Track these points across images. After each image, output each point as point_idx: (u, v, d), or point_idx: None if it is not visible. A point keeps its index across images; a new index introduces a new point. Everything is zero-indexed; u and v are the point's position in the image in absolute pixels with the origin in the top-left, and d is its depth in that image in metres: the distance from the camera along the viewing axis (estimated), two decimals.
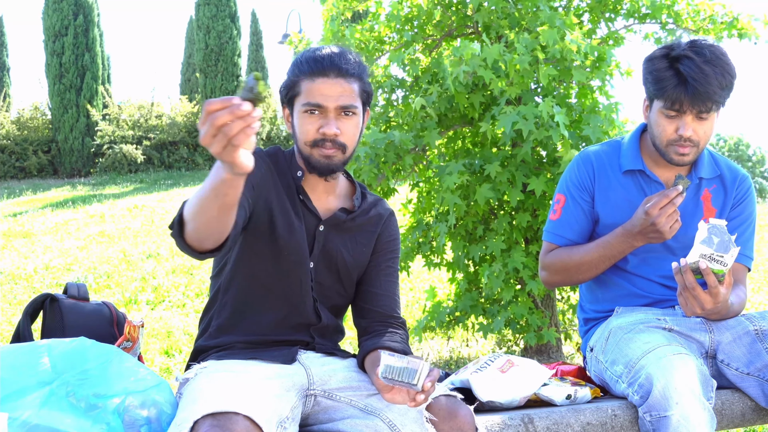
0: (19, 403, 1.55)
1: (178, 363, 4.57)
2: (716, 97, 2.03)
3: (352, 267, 1.93)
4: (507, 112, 3.88)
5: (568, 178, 2.28)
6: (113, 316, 2.05)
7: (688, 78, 2.01)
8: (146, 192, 14.14)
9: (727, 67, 2.04)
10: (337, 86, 1.78)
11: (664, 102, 2.07)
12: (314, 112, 1.79)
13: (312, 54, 1.82)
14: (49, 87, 17.86)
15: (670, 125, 2.10)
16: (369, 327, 1.91)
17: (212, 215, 1.49)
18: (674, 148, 2.11)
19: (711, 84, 2.01)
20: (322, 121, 1.79)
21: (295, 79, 1.82)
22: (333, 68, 1.79)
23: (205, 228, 1.53)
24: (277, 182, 1.87)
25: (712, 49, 2.05)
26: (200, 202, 1.47)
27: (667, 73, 2.05)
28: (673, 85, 2.04)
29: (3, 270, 7.30)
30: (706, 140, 2.13)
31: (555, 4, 4.53)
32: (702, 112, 2.05)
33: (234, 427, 1.48)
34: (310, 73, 1.79)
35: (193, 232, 1.55)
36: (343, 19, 4.69)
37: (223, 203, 1.46)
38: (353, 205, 1.94)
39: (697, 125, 2.08)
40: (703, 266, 1.89)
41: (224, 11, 18.54)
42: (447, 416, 1.66)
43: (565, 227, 2.25)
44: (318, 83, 1.78)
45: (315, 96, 1.78)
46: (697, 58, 2.02)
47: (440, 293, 5.37)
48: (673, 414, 1.83)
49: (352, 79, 1.81)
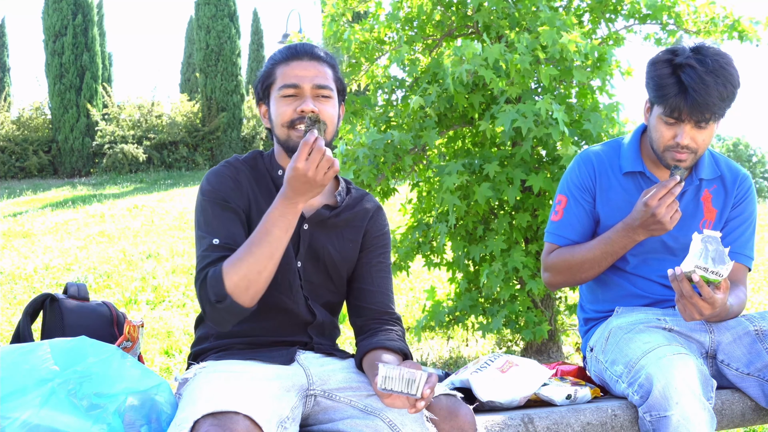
0: (20, 403, 1.55)
1: (178, 363, 4.57)
2: (715, 108, 2.01)
3: (339, 263, 1.92)
4: (506, 110, 3.89)
5: (569, 179, 2.28)
6: (113, 316, 2.05)
7: (689, 88, 1.99)
8: (146, 192, 14.14)
9: (729, 77, 2.01)
10: (312, 68, 1.84)
11: (663, 109, 2.06)
12: (291, 94, 1.82)
13: (287, 46, 1.88)
14: (49, 87, 17.86)
15: (668, 131, 2.09)
16: (365, 326, 1.91)
17: (278, 258, 1.70)
18: (671, 153, 2.10)
19: (711, 95, 1.99)
20: (298, 102, 1.82)
21: (269, 69, 1.87)
22: (306, 53, 1.85)
23: (271, 274, 1.71)
24: (255, 188, 1.87)
25: (716, 57, 2.02)
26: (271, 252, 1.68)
27: (668, 80, 2.03)
28: (673, 94, 2.02)
29: (3, 270, 7.30)
30: (705, 147, 2.12)
31: (555, 5, 4.53)
32: (700, 122, 2.04)
33: (234, 426, 1.48)
34: (283, 59, 1.85)
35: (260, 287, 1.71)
36: (343, 20, 4.69)
37: (285, 242, 1.71)
38: (336, 201, 1.94)
39: (695, 133, 2.07)
40: (696, 278, 1.89)
41: (224, 11, 18.53)
42: (447, 416, 1.66)
43: (567, 228, 2.25)
44: (292, 66, 1.84)
45: (290, 78, 1.82)
46: (700, 68, 2.00)
47: (440, 293, 5.38)
48: (673, 414, 1.83)
49: (325, 64, 1.87)
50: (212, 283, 1.68)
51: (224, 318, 1.72)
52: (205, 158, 18.66)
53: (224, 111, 18.68)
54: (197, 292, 1.73)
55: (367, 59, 4.63)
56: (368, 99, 4.66)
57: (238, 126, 18.87)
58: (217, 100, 18.71)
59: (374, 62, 4.70)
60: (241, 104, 18.88)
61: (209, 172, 1.88)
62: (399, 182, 4.68)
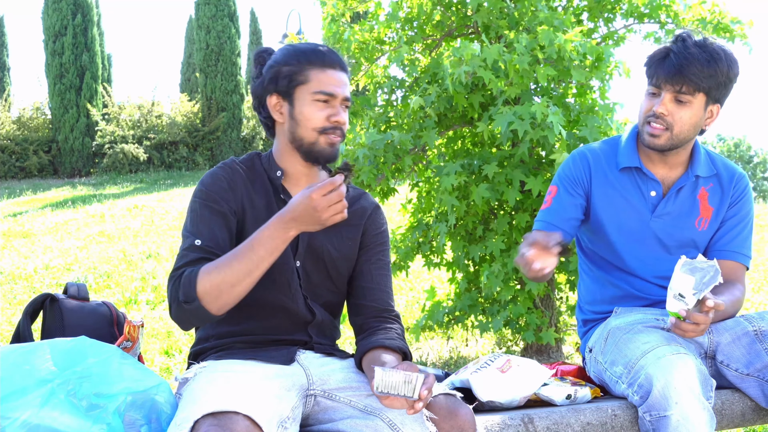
0: (20, 403, 1.55)
1: (178, 363, 4.57)
2: (692, 76, 2.02)
3: (339, 261, 1.93)
4: (503, 111, 3.89)
5: (562, 172, 2.29)
6: (113, 316, 2.05)
7: (671, 53, 2.05)
8: (146, 192, 14.14)
9: (716, 56, 2.03)
10: (344, 78, 1.90)
11: (649, 79, 2.11)
12: (326, 101, 1.86)
13: (311, 47, 1.89)
14: (50, 87, 17.86)
15: (648, 103, 2.12)
16: (364, 324, 1.91)
17: (257, 276, 1.71)
18: (647, 127, 2.12)
19: (692, 64, 2.01)
20: (330, 110, 1.86)
21: (300, 68, 1.86)
22: (338, 62, 1.89)
23: (246, 290, 1.72)
24: (250, 190, 1.89)
25: (713, 42, 2.06)
26: (250, 269, 1.69)
27: (659, 52, 2.10)
28: (657, 59, 2.08)
29: (3, 270, 7.30)
30: (682, 128, 2.10)
31: (554, 4, 4.53)
32: (680, 92, 2.05)
33: (234, 426, 1.48)
34: (319, 63, 1.86)
35: (230, 299, 1.71)
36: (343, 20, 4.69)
37: (270, 261, 1.72)
38: None
39: (673, 107, 2.08)
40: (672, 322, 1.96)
41: (223, 11, 18.54)
42: (447, 415, 1.66)
43: (554, 215, 2.23)
44: (329, 74, 1.87)
45: (328, 86, 1.85)
46: (690, 41, 2.05)
47: (440, 293, 5.38)
48: (673, 414, 1.83)
49: (347, 75, 1.92)
50: (185, 282, 1.71)
51: (188, 319, 1.74)
52: (205, 158, 18.67)
53: (224, 111, 18.69)
54: (168, 288, 1.75)
55: (367, 59, 4.63)
56: (368, 99, 4.66)
57: (238, 126, 18.88)
58: (217, 100, 18.72)
59: (374, 62, 4.70)
60: (241, 104, 18.88)
61: (205, 174, 1.90)
62: (399, 182, 4.68)
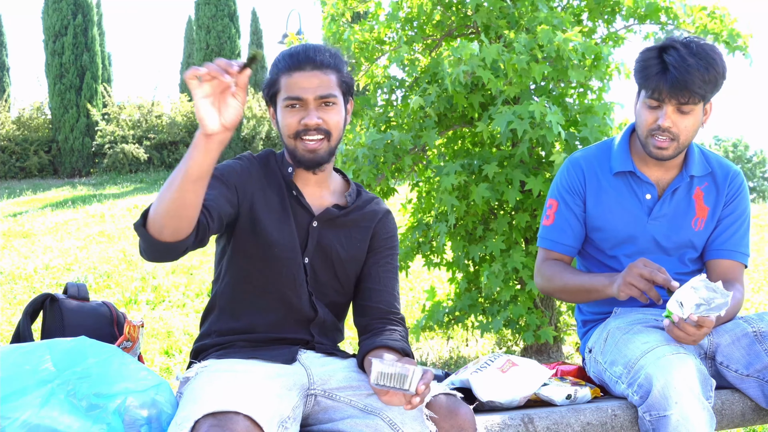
0: (20, 403, 1.55)
1: (178, 363, 4.57)
2: (696, 88, 2.02)
3: (347, 262, 1.94)
4: (503, 111, 3.89)
5: (558, 183, 2.29)
6: (113, 316, 2.06)
7: (670, 66, 2.02)
8: (146, 192, 14.14)
9: (712, 62, 2.03)
10: (314, 78, 1.83)
11: (646, 91, 2.09)
12: (295, 105, 1.84)
13: (288, 51, 1.89)
14: (50, 87, 17.85)
15: (650, 115, 2.10)
16: (369, 325, 1.92)
17: (181, 188, 1.53)
18: (652, 140, 2.11)
19: (692, 75, 2.01)
20: (302, 113, 1.84)
21: (274, 77, 1.88)
22: (308, 62, 1.84)
23: (172, 207, 1.55)
24: (264, 183, 1.90)
25: (702, 44, 2.05)
26: (171, 178, 1.55)
27: (652, 62, 2.06)
28: (655, 73, 2.05)
29: (3, 270, 7.30)
30: (687, 136, 2.11)
31: (554, 4, 4.53)
32: (682, 104, 2.05)
33: (235, 426, 1.48)
34: (287, 68, 1.85)
35: (158, 217, 1.56)
36: (343, 20, 4.69)
37: (190, 173, 1.52)
38: (346, 201, 1.96)
39: (677, 118, 2.08)
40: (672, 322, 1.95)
41: (223, 11, 18.53)
42: (447, 414, 1.67)
43: (560, 233, 2.26)
44: (295, 77, 1.84)
45: (293, 89, 1.83)
46: (683, 50, 2.03)
47: (440, 293, 5.38)
48: (673, 413, 1.83)
49: (329, 71, 1.86)
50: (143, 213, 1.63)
51: (140, 245, 1.65)
52: None
53: None
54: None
55: (367, 59, 4.64)
56: (368, 99, 4.66)
57: (238, 126, 18.88)
58: None
59: (374, 62, 4.70)
60: None
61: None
62: (399, 182, 4.68)
